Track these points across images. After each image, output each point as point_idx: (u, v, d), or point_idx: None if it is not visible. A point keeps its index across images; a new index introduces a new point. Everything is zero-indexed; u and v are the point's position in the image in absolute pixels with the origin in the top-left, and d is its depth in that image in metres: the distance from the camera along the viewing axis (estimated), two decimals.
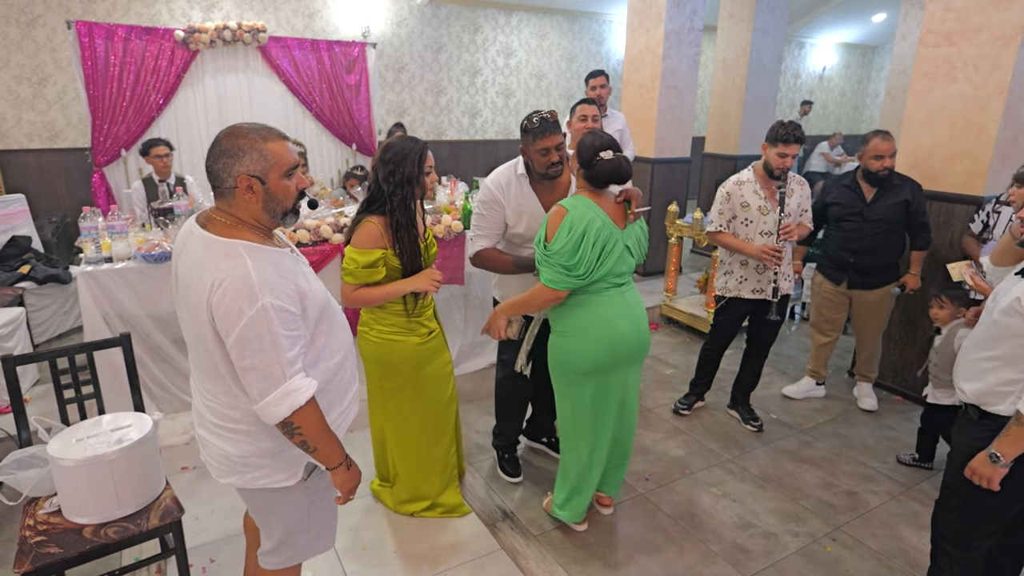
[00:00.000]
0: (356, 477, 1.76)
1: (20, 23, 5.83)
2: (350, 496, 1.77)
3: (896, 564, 2.66)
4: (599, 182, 2.41)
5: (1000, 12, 3.40)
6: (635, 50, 6.08)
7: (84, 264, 3.34)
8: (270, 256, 1.57)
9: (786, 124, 3.20)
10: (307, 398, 1.55)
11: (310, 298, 1.62)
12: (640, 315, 2.56)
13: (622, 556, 2.67)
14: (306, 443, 1.61)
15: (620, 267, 2.45)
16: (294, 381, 1.53)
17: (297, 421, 1.56)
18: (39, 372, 3.96)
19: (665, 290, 5.41)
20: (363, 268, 2.38)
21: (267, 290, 1.49)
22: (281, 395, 1.52)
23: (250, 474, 1.70)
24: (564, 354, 2.53)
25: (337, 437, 1.70)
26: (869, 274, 3.61)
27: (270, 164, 1.56)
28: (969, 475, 1.94)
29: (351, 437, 3.48)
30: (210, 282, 1.49)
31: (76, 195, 6.17)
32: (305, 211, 1.75)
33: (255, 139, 1.55)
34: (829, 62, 12.42)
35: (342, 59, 6.41)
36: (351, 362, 1.86)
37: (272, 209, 1.60)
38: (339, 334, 1.78)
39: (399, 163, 2.39)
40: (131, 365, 2.43)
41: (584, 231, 2.32)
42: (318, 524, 1.89)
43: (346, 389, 1.84)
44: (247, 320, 1.47)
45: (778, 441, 3.60)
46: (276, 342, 1.50)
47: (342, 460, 1.70)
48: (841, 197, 3.65)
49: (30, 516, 2.04)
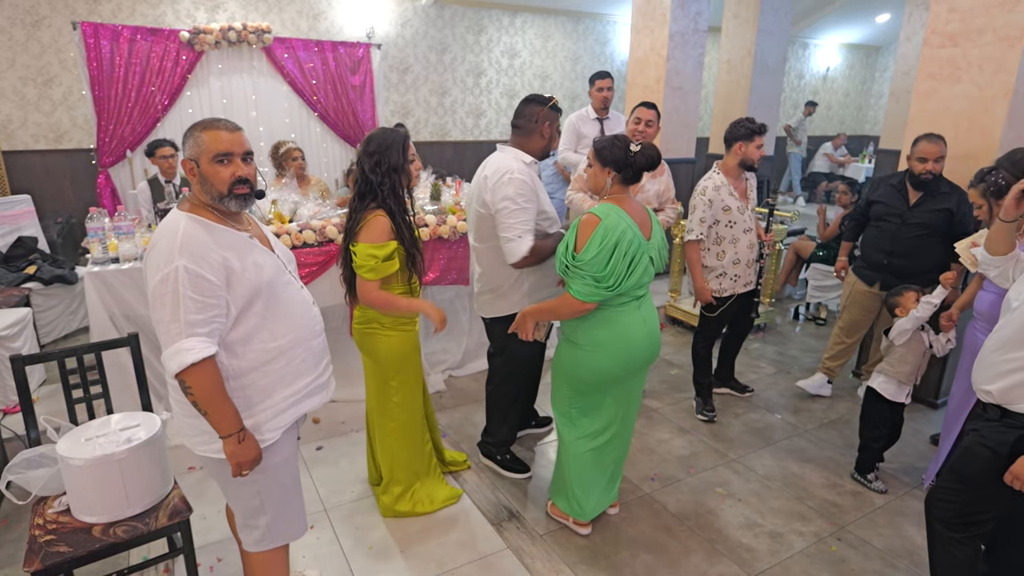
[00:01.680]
0: (249, 452, 1.78)
1: (25, 24, 5.85)
2: (242, 472, 1.79)
3: (901, 563, 2.66)
4: (637, 175, 2.42)
5: (1005, 14, 3.40)
6: (640, 51, 6.08)
7: (91, 264, 3.36)
8: (209, 228, 1.72)
9: (750, 119, 3.45)
10: (195, 359, 1.63)
11: (240, 276, 1.73)
12: (654, 327, 2.55)
13: (627, 555, 2.67)
14: (197, 404, 1.70)
15: (644, 278, 2.43)
16: (188, 341, 1.64)
17: (188, 380, 1.66)
18: (46, 372, 3.97)
19: (670, 291, 5.41)
20: (383, 262, 2.41)
21: (186, 254, 1.64)
22: (174, 351, 1.64)
23: (194, 438, 1.83)
24: (574, 365, 2.52)
25: (233, 409, 1.74)
26: (903, 277, 3.45)
27: (200, 150, 1.74)
28: (1010, 480, 1.91)
29: (357, 437, 3.49)
30: (151, 243, 1.72)
31: (81, 196, 6.19)
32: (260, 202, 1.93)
33: (196, 128, 1.75)
34: (833, 63, 12.40)
35: (347, 60, 6.42)
36: (303, 353, 1.91)
37: (209, 191, 1.76)
38: (285, 321, 1.86)
39: (383, 153, 2.44)
40: (139, 365, 2.44)
41: (617, 241, 2.29)
42: (272, 505, 1.96)
43: (294, 377, 1.90)
44: (160, 276, 1.63)
45: (783, 441, 3.60)
46: (181, 302, 1.62)
47: (234, 431, 1.75)
48: (885, 196, 3.61)
49: (39, 515, 2.05)
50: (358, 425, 3.61)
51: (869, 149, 11.35)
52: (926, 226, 3.44)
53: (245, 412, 1.81)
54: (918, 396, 4.06)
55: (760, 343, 5.04)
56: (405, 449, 2.81)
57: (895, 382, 3.07)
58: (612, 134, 2.50)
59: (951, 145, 3.69)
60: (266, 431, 1.85)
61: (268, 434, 1.86)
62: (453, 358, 4.33)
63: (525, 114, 2.78)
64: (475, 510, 2.94)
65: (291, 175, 4.88)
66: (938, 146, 3.36)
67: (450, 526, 2.83)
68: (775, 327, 5.42)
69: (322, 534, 2.76)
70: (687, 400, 4.04)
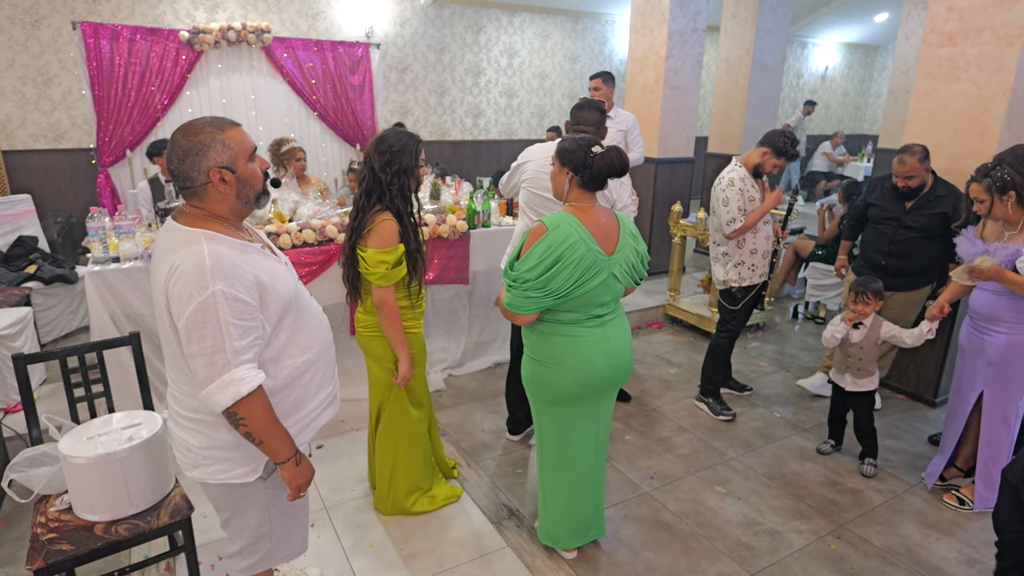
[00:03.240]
0: (306, 474, 1.75)
1: (25, 24, 5.85)
2: (300, 493, 1.76)
3: (900, 561, 2.67)
4: (599, 180, 2.24)
5: (1003, 13, 3.41)
6: (638, 51, 6.08)
7: (92, 264, 3.36)
8: (231, 245, 1.58)
9: (795, 140, 3.51)
10: (250, 389, 1.54)
11: (271, 292, 1.62)
12: (620, 347, 2.36)
13: (627, 554, 2.68)
14: (251, 435, 1.61)
15: (602, 296, 2.26)
16: (239, 371, 1.53)
17: (241, 412, 1.56)
18: (46, 371, 3.97)
19: (669, 290, 5.42)
20: (392, 268, 2.40)
21: (219, 277, 1.50)
22: (224, 383, 1.52)
23: (211, 467, 1.71)
24: (535, 381, 2.39)
25: (287, 432, 1.68)
26: (901, 276, 3.55)
27: (235, 152, 1.59)
28: None
29: (357, 436, 3.50)
30: (168, 267, 1.53)
31: (81, 195, 6.19)
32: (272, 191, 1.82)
33: (213, 132, 1.56)
34: (832, 62, 12.42)
35: (346, 59, 6.43)
36: (325, 363, 1.85)
37: (246, 195, 1.64)
38: (309, 332, 1.78)
39: (397, 154, 2.43)
40: (140, 364, 2.44)
41: (559, 257, 2.12)
42: (280, 529, 1.89)
43: (318, 388, 1.83)
44: (196, 305, 1.48)
45: (782, 440, 3.61)
46: (224, 330, 1.50)
47: (290, 455, 1.69)
48: (881, 199, 3.64)
49: (41, 513, 2.05)
50: (359, 424, 3.61)
51: (868, 148, 11.36)
52: (922, 229, 3.47)
53: None
54: (916, 394, 4.08)
55: (759, 342, 5.05)
56: (407, 451, 2.81)
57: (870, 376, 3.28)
58: (570, 136, 2.36)
59: (949, 144, 3.71)
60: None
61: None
62: (452, 357, 4.34)
63: (582, 119, 3.16)
64: (475, 509, 2.95)
65: (291, 174, 4.88)
66: (907, 165, 3.38)
67: (450, 525, 2.84)
68: (774, 326, 5.43)
69: (323, 533, 2.77)
70: (686, 398, 4.05)
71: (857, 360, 3.23)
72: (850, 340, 3.23)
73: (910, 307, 3.66)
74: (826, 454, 3.45)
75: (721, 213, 3.54)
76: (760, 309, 3.97)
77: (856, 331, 3.22)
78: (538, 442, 2.57)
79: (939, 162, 3.68)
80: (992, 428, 2.90)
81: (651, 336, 5.15)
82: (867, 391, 3.27)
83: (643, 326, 5.33)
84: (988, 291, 2.78)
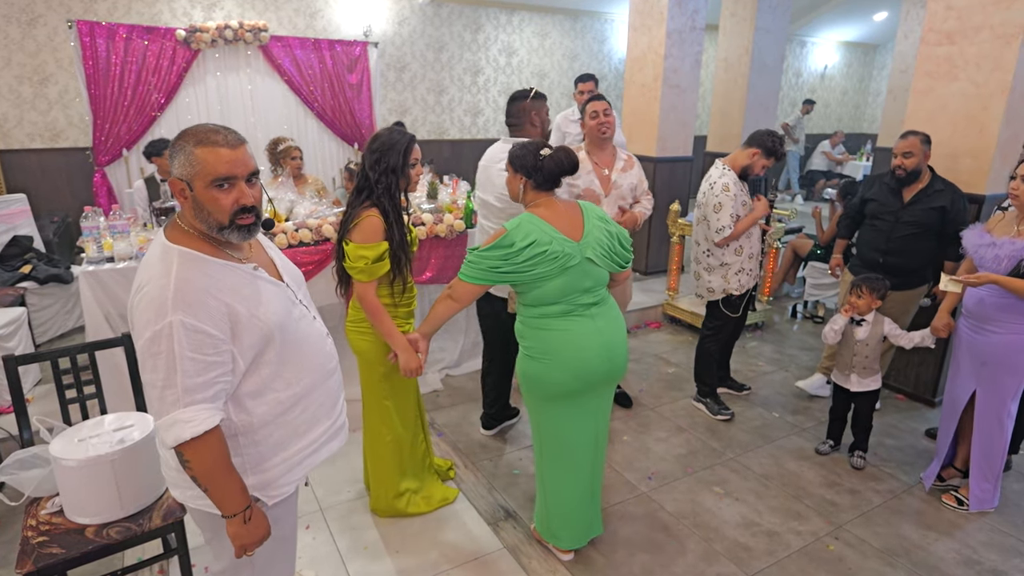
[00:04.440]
0: (255, 532, 1.56)
1: (21, 23, 5.83)
2: (246, 552, 1.57)
3: (899, 562, 2.66)
4: (552, 180, 2.33)
5: (1001, 11, 3.39)
6: (637, 49, 6.06)
7: (86, 264, 3.34)
8: (209, 269, 1.45)
9: (781, 139, 3.51)
10: (193, 433, 1.39)
11: (246, 323, 1.48)
12: (613, 340, 2.39)
13: (624, 555, 2.67)
14: (196, 480, 1.47)
15: (583, 281, 2.30)
16: (187, 411, 1.39)
17: (186, 454, 1.43)
18: (41, 372, 3.96)
19: (667, 289, 5.41)
20: (373, 263, 2.39)
21: (181, 306, 1.38)
22: (169, 422, 1.40)
23: (189, 491, 1.58)
24: (530, 378, 2.40)
25: (240, 484, 1.52)
26: (898, 275, 3.49)
27: (195, 170, 1.43)
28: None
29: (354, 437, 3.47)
30: (137, 284, 1.45)
31: (78, 195, 6.16)
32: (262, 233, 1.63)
33: (188, 141, 1.44)
34: (831, 61, 12.40)
35: (344, 58, 6.41)
36: (321, 395, 1.71)
37: (205, 220, 1.47)
38: (300, 363, 1.63)
39: (385, 152, 2.43)
40: (133, 365, 2.42)
41: (525, 244, 2.21)
42: (264, 560, 1.73)
43: (310, 424, 1.68)
44: (151, 334, 1.38)
45: (780, 440, 3.59)
46: (178, 364, 1.37)
47: (238, 510, 1.51)
48: (879, 194, 3.62)
49: (32, 516, 2.04)
50: (355, 425, 3.56)
51: (867, 147, 11.35)
52: (919, 224, 3.44)
53: (255, 469, 1.60)
54: (915, 394, 4.07)
55: (758, 341, 5.04)
56: (396, 452, 2.79)
57: (873, 375, 3.29)
58: (519, 141, 2.46)
59: (948, 143, 3.69)
60: (278, 487, 1.64)
61: (279, 490, 1.65)
62: (450, 357, 4.32)
63: (513, 112, 3.08)
64: (471, 510, 2.93)
65: (287, 174, 4.86)
66: (908, 140, 3.37)
67: (446, 526, 2.82)
68: (773, 325, 5.41)
69: (318, 534, 2.75)
70: (684, 399, 4.03)
71: (863, 358, 3.22)
72: (855, 337, 3.22)
73: (906, 306, 3.65)
74: (824, 454, 3.44)
75: (712, 220, 3.50)
76: (753, 309, 3.98)
77: (860, 328, 3.22)
78: (536, 442, 2.57)
79: (937, 161, 3.66)
80: (985, 428, 2.89)
81: (649, 335, 5.14)
82: (873, 390, 3.28)
83: (641, 325, 5.31)
84: (982, 291, 2.78)
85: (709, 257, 3.64)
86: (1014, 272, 2.65)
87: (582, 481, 2.53)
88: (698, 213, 3.65)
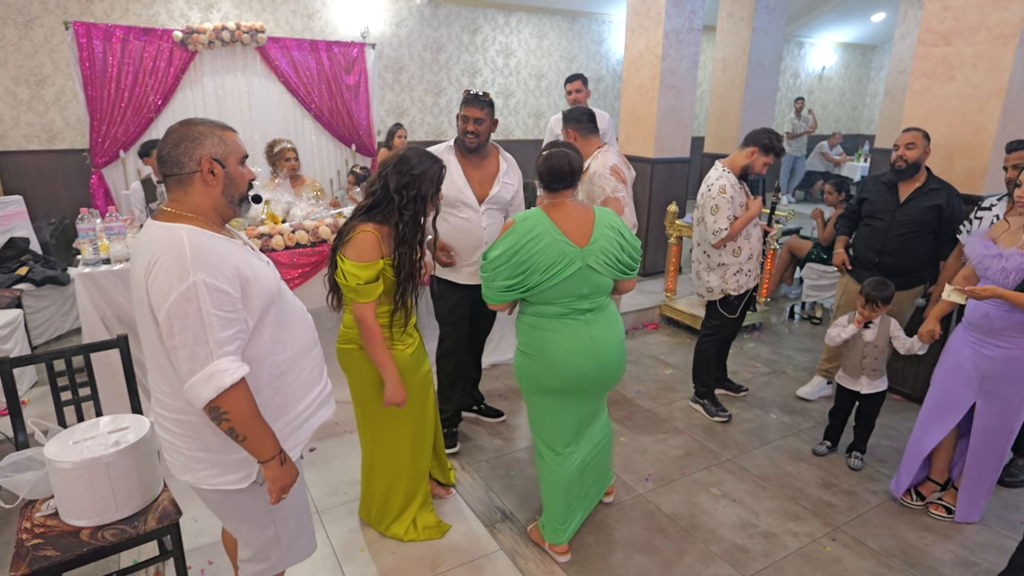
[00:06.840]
0: (290, 475, 1.70)
1: (17, 24, 5.83)
2: (282, 495, 1.70)
3: (895, 564, 2.65)
4: (552, 181, 2.37)
5: (998, 11, 3.40)
6: (634, 50, 6.07)
7: (82, 266, 3.33)
8: (211, 238, 1.58)
9: (779, 136, 3.48)
10: (232, 380, 1.50)
11: (254, 286, 1.61)
12: (605, 348, 2.40)
13: (621, 556, 2.66)
14: (234, 431, 1.57)
15: (580, 287, 2.32)
16: (221, 362, 1.50)
17: (224, 405, 1.52)
18: (37, 374, 3.95)
19: (665, 290, 5.41)
20: (365, 284, 2.26)
21: (201, 266, 1.49)
22: (207, 375, 1.49)
23: (202, 471, 1.69)
24: (522, 371, 2.51)
25: (271, 430, 1.64)
26: (894, 275, 3.44)
27: (229, 150, 1.63)
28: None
29: (351, 439, 3.48)
30: (147, 261, 1.52)
31: (74, 196, 6.16)
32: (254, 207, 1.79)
33: (213, 127, 1.63)
34: (828, 62, 12.42)
35: (341, 60, 6.40)
36: (311, 361, 1.83)
37: (230, 194, 1.66)
38: (293, 330, 1.77)
39: (418, 178, 2.30)
40: (128, 367, 2.42)
41: (521, 247, 2.26)
42: (287, 533, 1.86)
43: (305, 388, 1.81)
44: (177, 296, 1.47)
45: (777, 441, 3.59)
46: (205, 320, 1.48)
47: (274, 454, 1.64)
48: (875, 193, 3.62)
49: (27, 519, 2.03)
50: (351, 426, 3.58)
51: (864, 148, 11.36)
52: (916, 223, 3.44)
53: None
54: (912, 395, 4.06)
55: (755, 342, 5.04)
56: (390, 472, 2.67)
57: (880, 376, 3.32)
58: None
59: (944, 143, 3.69)
60: (285, 449, 1.73)
61: (288, 453, 1.74)
62: None
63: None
64: (468, 511, 2.93)
65: (284, 175, 4.86)
66: (910, 134, 3.38)
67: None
68: (770, 326, 5.41)
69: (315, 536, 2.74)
70: (682, 400, 4.03)
71: (872, 360, 3.22)
72: (864, 339, 3.22)
73: (903, 306, 3.65)
74: (822, 455, 3.44)
75: (709, 222, 3.50)
76: (753, 310, 3.97)
77: (868, 331, 3.22)
78: (531, 430, 2.66)
79: (934, 161, 3.67)
80: (987, 441, 2.81)
81: (647, 337, 5.14)
82: (882, 391, 3.29)
83: (639, 327, 5.31)
84: (988, 305, 2.66)
85: (708, 257, 3.64)
86: (1022, 287, 2.53)
87: (560, 476, 2.57)
88: (697, 214, 3.65)
